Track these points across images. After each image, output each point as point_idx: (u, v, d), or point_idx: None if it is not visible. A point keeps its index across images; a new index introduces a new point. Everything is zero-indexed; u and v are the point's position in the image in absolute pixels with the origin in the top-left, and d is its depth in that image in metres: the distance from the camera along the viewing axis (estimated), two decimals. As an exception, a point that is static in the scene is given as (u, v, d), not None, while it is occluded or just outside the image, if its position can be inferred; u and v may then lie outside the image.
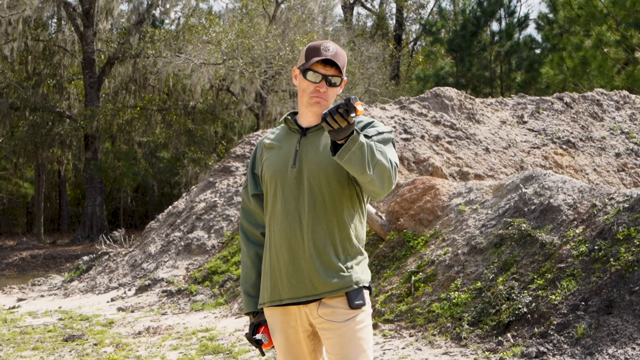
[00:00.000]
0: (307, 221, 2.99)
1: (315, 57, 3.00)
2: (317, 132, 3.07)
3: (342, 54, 3.05)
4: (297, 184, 3.02)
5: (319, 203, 3.00)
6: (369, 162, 2.80)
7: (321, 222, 3.00)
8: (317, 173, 2.99)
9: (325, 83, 3.00)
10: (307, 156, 3.03)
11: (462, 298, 7.12)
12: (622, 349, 5.68)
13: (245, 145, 14.07)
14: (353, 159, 2.77)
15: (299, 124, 3.12)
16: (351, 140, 2.74)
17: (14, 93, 28.22)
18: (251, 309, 3.17)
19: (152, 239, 12.74)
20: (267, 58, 24.21)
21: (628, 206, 6.91)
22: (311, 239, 2.99)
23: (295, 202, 3.01)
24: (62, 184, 35.06)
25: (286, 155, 3.07)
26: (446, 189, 9.11)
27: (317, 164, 3.01)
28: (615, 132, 14.06)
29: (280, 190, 3.05)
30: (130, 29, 28.24)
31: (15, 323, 9.44)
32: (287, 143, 3.10)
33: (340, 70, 3.00)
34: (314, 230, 2.99)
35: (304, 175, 3.02)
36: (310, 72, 3.01)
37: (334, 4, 34.15)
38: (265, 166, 3.11)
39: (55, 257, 23.91)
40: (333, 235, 3.01)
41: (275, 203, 3.06)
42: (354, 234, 3.06)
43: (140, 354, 7.32)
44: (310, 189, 3.01)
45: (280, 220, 3.03)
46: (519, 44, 28.54)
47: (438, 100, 13.40)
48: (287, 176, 3.04)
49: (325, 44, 3.02)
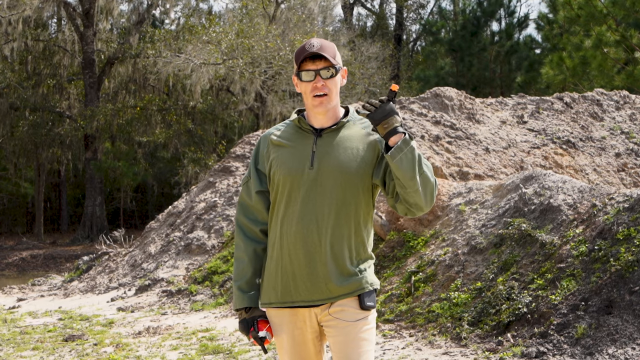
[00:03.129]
0: (325, 224, 2.98)
1: (302, 57, 3.01)
2: (333, 133, 3.06)
3: (329, 45, 3.04)
4: (314, 186, 3.00)
5: (338, 207, 2.99)
6: (418, 169, 2.84)
7: (340, 226, 2.99)
8: (337, 176, 2.98)
9: (320, 77, 3.00)
10: (325, 158, 3.01)
11: (462, 298, 7.12)
12: (622, 349, 5.68)
13: (245, 145, 14.06)
14: (404, 160, 2.81)
15: (310, 124, 3.10)
16: (404, 141, 2.79)
17: (14, 93, 28.21)
18: (245, 305, 3.12)
19: (152, 239, 12.73)
20: (267, 58, 24.20)
21: (628, 206, 6.91)
22: (329, 242, 2.98)
23: (313, 204, 2.99)
24: (62, 184, 35.05)
25: (302, 156, 3.04)
26: (446, 189, 9.11)
27: (337, 166, 3.00)
28: (615, 132, 14.06)
29: (295, 191, 3.02)
30: (130, 29, 28.24)
31: (15, 323, 9.43)
32: (301, 143, 3.07)
33: (330, 61, 3.00)
34: (333, 233, 2.98)
35: (323, 177, 3.00)
36: (303, 72, 3.02)
37: (334, 4, 34.13)
38: (275, 165, 3.07)
39: (55, 257, 23.90)
40: (350, 239, 3.01)
41: (290, 204, 3.02)
42: (367, 239, 3.07)
43: (140, 354, 7.32)
44: (330, 191, 2.99)
45: (296, 222, 3.00)
46: (519, 44, 28.57)
47: (438, 100, 13.40)
48: (303, 177, 3.01)
49: (309, 42, 3.03)
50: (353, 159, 3.01)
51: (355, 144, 3.04)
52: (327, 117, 3.07)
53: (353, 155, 3.01)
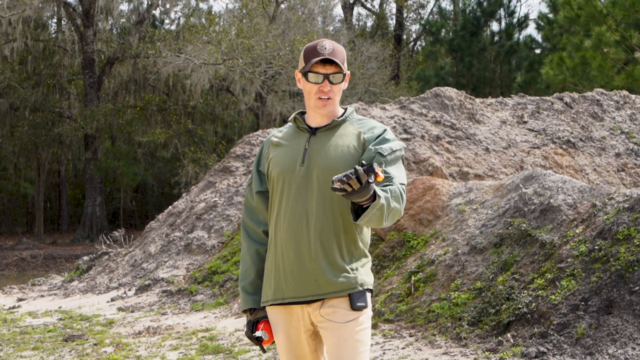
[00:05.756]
0: (314, 220, 2.99)
1: (313, 58, 3.00)
2: (327, 132, 3.08)
3: (340, 49, 3.05)
4: (305, 183, 3.02)
5: (327, 203, 2.99)
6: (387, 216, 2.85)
7: (329, 222, 2.99)
8: (327, 172, 2.99)
9: (328, 82, 3.01)
10: (316, 155, 3.03)
11: (462, 298, 7.12)
12: (622, 349, 5.69)
13: (245, 145, 14.06)
14: (372, 219, 2.82)
15: (307, 123, 3.12)
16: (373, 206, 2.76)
17: (14, 93, 28.21)
18: (249, 306, 3.15)
19: (152, 239, 12.73)
20: (267, 58, 24.20)
21: (628, 206, 6.91)
22: (318, 238, 2.98)
23: (303, 201, 3.01)
24: (62, 184, 35.05)
25: (294, 154, 3.06)
26: (446, 189, 9.11)
27: (327, 163, 3.01)
28: (615, 132, 14.06)
29: (287, 188, 3.04)
30: (130, 29, 28.24)
31: (15, 323, 9.43)
32: (296, 141, 3.10)
33: (340, 67, 3.01)
34: (322, 229, 2.98)
35: (312, 174, 3.02)
36: (311, 73, 3.02)
37: (334, 4, 34.15)
38: (272, 164, 3.10)
39: (55, 257, 23.91)
40: (339, 236, 3.01)
41: (282, 201, 3.05)
42: (360, 236, 3.07)
43: (140, 354, 7.33)
44: (319, 188, 3.00)
45: (287, 219, 3.02)
46: (519, 44, 28.56)
47: (438, 100, 13.40)
48: (294, 174, 3.03)
49: (321, 43, 3.02)
50: (342, 156, 3.02)
51: (347, 142, 3.05)
52: (325, 116, 3.09)
53: (343, 153, 3.02)
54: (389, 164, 2.99)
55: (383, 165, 2.97)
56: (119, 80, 29.53)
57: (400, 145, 3.07)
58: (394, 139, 3.07)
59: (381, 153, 2.99)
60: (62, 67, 29.37)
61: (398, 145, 3.05)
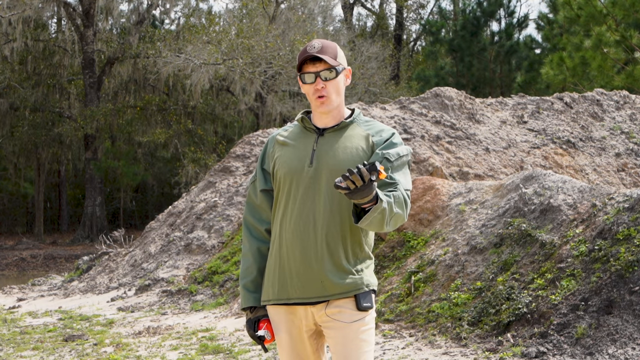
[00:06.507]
0: (321, 222, 2.99)
1: (302, 60, 3.03)
2: (335, 133, 3.08)
3: (331, 46, 3.05)
4: (312, 184, 3.02)
5: (335, 205, 3.00)
6: (388, 221, 2.86)
7: (336, 224, 2.99)
8: (335, 174, 2.98)
9: (320, 79, 3.02)
10: (324, 156, 3.03)
11: (462, 298, 7.12)
12: (622, 349, 5.69)
13: (245, 145, 14.06)
14: (373, 222, 2.83)
15: (314, 124, 3.12)
16: (374, 209, 2.77)
17: (14, 93, 28.22)
18: (249, 304, 3.14)
19: (152, 239, 12.73)
20: (267, 58, 24.21)
21: (628, 206, 6.91)
22: (325, 239, 2.98)
23: (311, 202, 3.01)
24: (62, 184, 35.05)
25: (302, 154, 3.06)
26: (446, 189, 9.11)
27: (335, 164, 3.01)
28: (615, 132, 14.06)
29: (294, 189, 3.04)
30: (130, 29, 28.24)
31: (15, 323, 9.44)
32: (303, 142, 3.10)
33: (329, 63, 3.01)
34: (328, 231, 2.99)
35: (321, 175, 3.01)
36: (304, 75, 3.04)
37: (334, 4, 34.16)
38: (278, 163, 3.10)
39: (55, 257, 23.91)
40: (345, 238, 3.01)
41: (289, 201, 3.05)
42: (365, 239, 3.08)
43: (140, 354, 7.33)
44: (327, 189, 3.00)
45: (294, 219, 3.02)
46: (519, 44, 28.56)
47: (438, 100, 13.40)
48: (302, 175, 3.03)
49: (310, 44, 3.04)
50: (351, 158, 3.02)
51: (356, 144, 3.06)
52: (331, 117, 3.09)
53: (352, 154, 3.03)
54: (395, 169, 3.00)
55: (389, 170, 2.97)
56: (119, 80, 29.54)
57: (407, 150, 3.07)
58: (401, 143, 3.08)
59: (388, 158, 3.00)
60: (62, 67, 29.37)
61: (405, 151, 3.06)
